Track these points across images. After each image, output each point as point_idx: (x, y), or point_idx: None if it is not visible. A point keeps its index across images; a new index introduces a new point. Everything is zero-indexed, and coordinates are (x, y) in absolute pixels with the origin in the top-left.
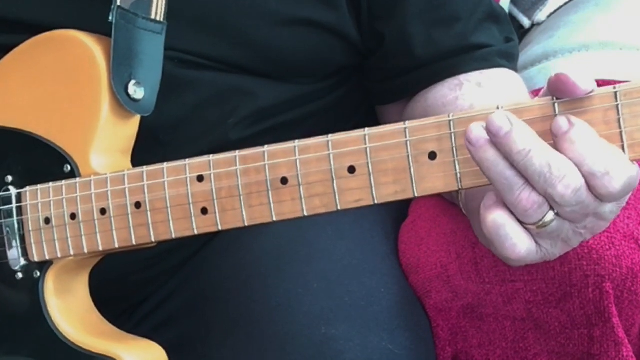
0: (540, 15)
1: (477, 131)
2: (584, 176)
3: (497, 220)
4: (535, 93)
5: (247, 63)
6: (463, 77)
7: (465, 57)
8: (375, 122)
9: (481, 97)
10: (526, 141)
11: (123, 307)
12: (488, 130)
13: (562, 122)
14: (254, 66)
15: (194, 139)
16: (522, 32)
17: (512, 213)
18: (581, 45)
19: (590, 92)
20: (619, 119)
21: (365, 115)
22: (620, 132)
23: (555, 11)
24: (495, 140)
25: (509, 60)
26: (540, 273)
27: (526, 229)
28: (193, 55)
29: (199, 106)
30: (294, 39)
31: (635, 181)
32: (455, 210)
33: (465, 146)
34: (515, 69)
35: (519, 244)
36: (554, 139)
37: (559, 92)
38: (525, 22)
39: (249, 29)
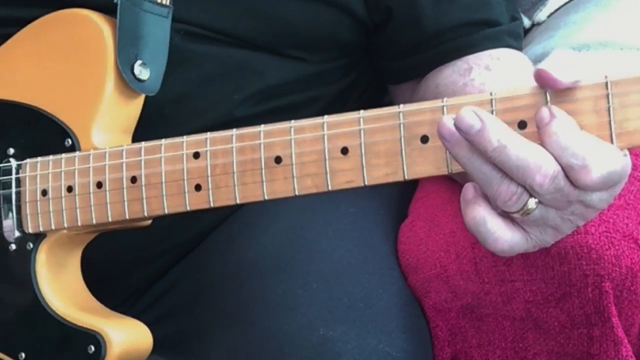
0: (541, 15)
1: (451, 126)
2: (563, 168)
3: (477, 217)
4: None
5: (252, 35)
6: (472, 61)
7: (476, 36)
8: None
9: (489, 81)
10: (500, 137)
11: (123, 295)
12: (458, 128)
13: (544, 113)
14: (260, 39)
15: (198, 113)
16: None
17: (492, 205)
18: (581, 45)
19: (576, 82)
20: (608, 108)
21: (369, 102)
22: (609, 121)
23: (556, 11)
24: (468, 138)
25: (516, 39)
26: (540, 273)
27: (511, 217)
28: (199, 27)
29: (204, 81)
30: (302, 12)
31: (621, 175)
32: (455, 210)
33: (441, 141)
34: (521, 49)
35: (501, 237)
36: (538, 130)
37: (543, 86)
38: (526, 22)
39: (254, 1)
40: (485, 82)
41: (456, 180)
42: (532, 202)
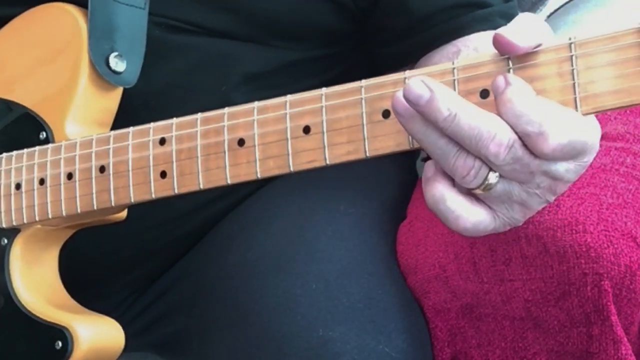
0: (541, 15)
1: (404, 100)
2: (520, 137)
3: (435, 194)
4: None
5: (233, 28)
6: (461, 43)
7: (465, 18)
8: None
9: None
10: (450, 106)
11: (122, 295)
12: (408, 100)
13: (499, 81)
14: (241, 31)
15: (185, 105)
16: None
17: (453, 182)
18: None
19: (537, 47)
20: (572, 71)
21: None
22: (574, 84)
23: (556, 11)
24: (418, 109)
25: (509, 20)
26: (539, 272)
27: (474, 195)
28: (178, 21)
29: (189, 71)
30: (283, 3)
31: (585, 144)
32: None
33: (396, 117)
34: None
35: (461, 216)
36: (495, 99)
37: (502, 52)
38: None
39: None
40: None
41: None
42: (492, 176)
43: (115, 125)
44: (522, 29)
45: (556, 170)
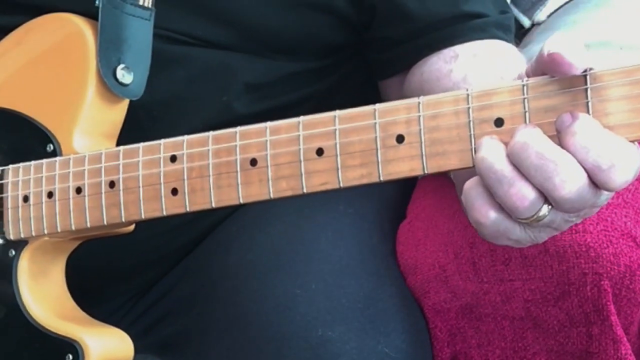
0: (540, 15)
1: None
2: (587, 170)
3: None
4: None
5: (233, 42)
6: (459, 48)
7: (461, 27)
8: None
9: (475, 67)
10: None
11: (123, 299)
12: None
13: (565, 117)
14: (241, 45)
15: (188, 115)
16: (522, 32)
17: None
18: None
19: (589, 70)
20: (587, 103)
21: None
22: None
23: (555, 11)
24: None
25: (505, 31)
26: (538, 272)
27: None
28: (180, 34)
29: (190, 82)
30: (285, 19)
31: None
32: (453, 210)
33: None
34: (511, 41)
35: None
36: (558, 135)
37: (552, 72)
38: (525, 22)
39: (235, 9)
40: (470, 69)
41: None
42: (545, 209)
43: (120, 136)
44: (574, 51)
45: (600, 201)
